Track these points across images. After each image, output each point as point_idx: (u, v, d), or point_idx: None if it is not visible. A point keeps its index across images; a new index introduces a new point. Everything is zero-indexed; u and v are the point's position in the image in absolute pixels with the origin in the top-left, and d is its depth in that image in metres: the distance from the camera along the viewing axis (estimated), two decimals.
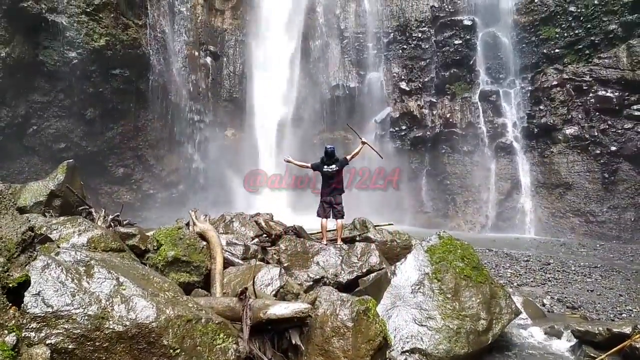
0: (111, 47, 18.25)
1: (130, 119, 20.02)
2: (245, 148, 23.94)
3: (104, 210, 9.59)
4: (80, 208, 9.26)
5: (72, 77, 17.54)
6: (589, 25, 19.78)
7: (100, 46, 17.85)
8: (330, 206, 8.78)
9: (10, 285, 2.82)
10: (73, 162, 10.05)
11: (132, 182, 20.44)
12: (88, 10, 17.51)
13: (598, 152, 18.85)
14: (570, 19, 20.26)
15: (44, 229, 6.01)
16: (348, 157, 8.91)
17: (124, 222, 9.87)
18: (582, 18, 19.95)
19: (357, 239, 8.82)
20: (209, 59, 23.58)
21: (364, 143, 8.99)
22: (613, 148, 18.50)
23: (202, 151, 22.91)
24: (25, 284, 2.95)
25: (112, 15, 18.28)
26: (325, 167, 8.87)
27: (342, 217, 8.73)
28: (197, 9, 23.01)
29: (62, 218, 6.93)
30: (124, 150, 20.08)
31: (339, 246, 7.95)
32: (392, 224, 10.45)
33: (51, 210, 8.60)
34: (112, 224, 8.90)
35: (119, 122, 19.65)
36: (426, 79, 23.55)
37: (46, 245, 5.84)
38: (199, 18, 23.06)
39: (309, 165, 8.89)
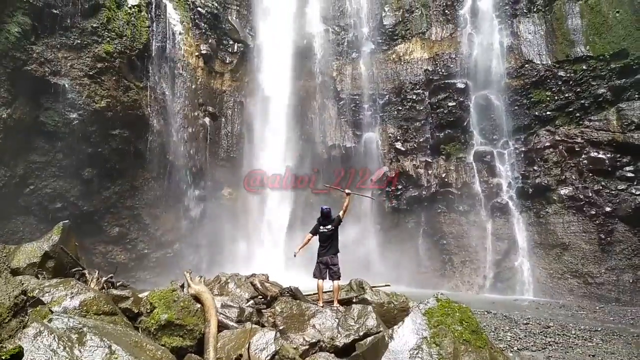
0: (112, 108, 18.63)
1: (127, 179, 20.15)
2: (242, 207, 24.03)
3: (97, 271, 9.49)
4: (74, 269, 9.17)
5: (71, 138, 17.79)
6: (578, 89, 20.34)
7: (101, 107, 18.23)
8: (326, 267, 8.74)
9: (4, 357, 2.76)
10: (69, 222, 10.02)
11: (126, 241, 20.31)
12: (91, 73, 17.99)
13: (593, 212, 18.93)
14: (560, 83, 20.85)
15: (37, 291, 5.95)
16: (341, 214, 8.98)
17: (118, 284, 9.76)
18: (571, 82, 20.54)
19: (354, 300, 8.72)
20: (207, 120, 23.98)
21: (348, 194, 9.11)
22: (608, 209, 18.60)
23: (199, 210, 22.92)
24: (18, 355, 2.89)
25: (114, 78, 18.77)
26: (322, 227, 8.92)
27: (338, 278, 8.67)
28: (198, 71, 23.62)
29: (55, 280, 6.87)
30: (120, 210, 20.08)
31: (335, 308, 7.85)
32: (389, 285, 10.36)
33: (44, 272, 8.52)
34: (105, 285, 8.80)
35: (116, 182, 19.77)
36: (421, 140, 23.89)
37: (38, 308, 5.75)
38: (199, 80, 23.64)
39: (310, 235, 8.95)
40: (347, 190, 9.28)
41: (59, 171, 18.09)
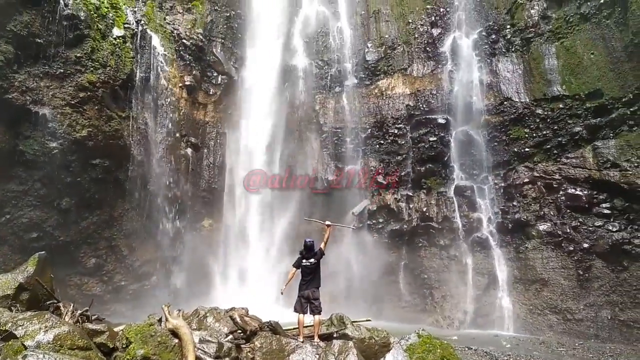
0: (93, 137, 18.49)
1: (106, 209, 19.86)
2: (222, 238, 23.85)
3: (72, 304, 9.26)
4: (48, 302, 8.94)
5: (50, 167, 17.53)
6: (555, 127, 20.81)
7: (82, 137, 18.07)
8: (307, 301, 8.66)
9: None
10: (45, 254, 9.82)
11: (103, 273, 19.89)
12: (73, 102, 17.88)
13: (571, 248, 19.14)
14: (537, 121, 21.32)
15: (10, 325, 5.78)
16: (322, 247, 8.96)
17: (93, 317, 9.52)
18: (548, 120, 21.02)
19: (335, 335, 8.63)
20: (189, 150, 23.93)
21: (329, 226, 9.13)
22: (585, 245, 18.83)
23: (178, 242, 22.64)
24: None
25: (96, 107, 18.67)
26: (305, 261, 8.89)
27: (319, 312, 8.60)
28: (181, 102, 23.67)
29: (28, 313, 6.69)
30: (97, 240, 19.72)
31: (315, 343, 7.76)
32: (370, 320, 10.27)
33: (18, 305, 8.30)
34: (80, 319, 8.59)
35: (94, 212, 19.46)
36: (403, 173, 24.07)
37: (10, 342, 5.58)
38: (182, 111, 23.67)
39: (294, 270, 8.93)
40: (327, 222, 9.30)
41: (36, 200, 17.75)
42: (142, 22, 21.71)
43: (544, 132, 21.10)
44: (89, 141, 18.43)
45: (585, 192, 19.39)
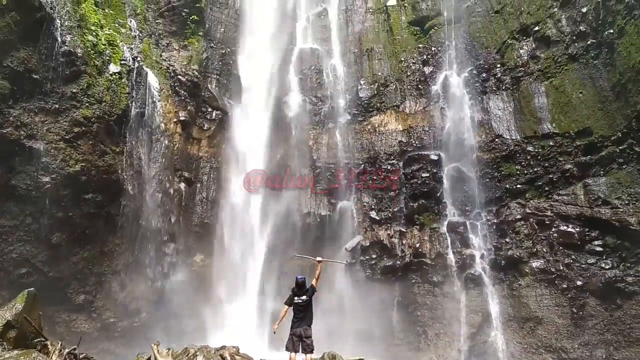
0: (86, 172, 18.46)
1: (97, 244, 19.67)
2: (214, 274, 23.65)
3: (60, 342, 9.11)
4: (36, 340, 8.79)
5: (42, 202, 17.40)
6: (546, 164, 21.04)
7: (75, 172, 18.03)
8: (299, 339, 8.59)
9: None
10: (34, 290, 9.70)
11: (92, 309, 19.56)
12: (67, 137, 17.90)
13: (565, 286, 19.08)
14: (529, 158, 21.56)
15: None
16: (314, 284, 8.92)
17: (81, 356, 9.36)
18: (539, 157, 21.27)
19: None
20: (182, 185, 23.92)
21: (320, 262, 9.11)
22: (579, 283, 18.77)
23: (169, 278, 22.39)
24: None
25: (90, 142, 18.70)
26: (296, 298, 8.85)
27: (311, 351, 8.52)
28: (175, 137, 23.77)
29: (15, 352, 6.59)
30: (87, 276, 19.45)
31: None
32: (362, 358, 10.16)
33: (5, 343, 8.16)
34: (68, 357, 8.44)
35: (85, 247, 19.26)
36: (395, 209, 24.09)
37: None
38: (176, 146, 23.75)
39: (286, 308, 8.89)
40: (318, 258, 9.31)
41: (27, 235, 17.57)
42: (139, 58, 21.97)
43: (535, 169, 21.30)
44: (82, 176, 18.40)
45: (578, 229, 19.45)
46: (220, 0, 28.18)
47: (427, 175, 23.70)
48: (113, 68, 20.10)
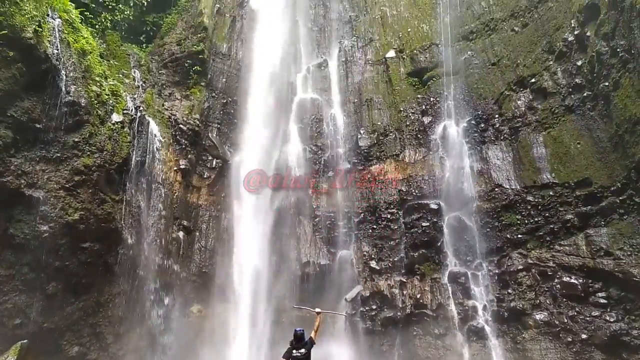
0: (85, 221, 18.33)
1: (92, 294, 19.30)
2: (212, 325, 23.20)
3: None
4: None
5: (40, 251, 17.15)
6: (547, 214, 20.96)
7: (73, 220, 17.89)
8: None
9: None
10: (27, 343, 9.47)
11: None
12: (67, 186, 17.85)
13: (570, 339, 18.66)
14: (529, 207, 21.52)
15: None
16: (313, 336, 8.72)
17: None
18: (540, 207, 21.22)
19: None
20: (181, 233, 23.78)
21: (319, 313, 8.92)
22: (584, 336, 18.37)
23: (166, 329, 21.93)
24: None
25: (90, 190, 18.65)
26: (295, 351, 8.63)
27: None
28: (175, 185, 23.81)
29: None
30: (82, 327, 18.98)
31: None
32: None
33: None
34: None
35: (81, 297, 18.90)
36: (396, 259, 23.87)
37: None
38: (176, 194, 23.76)
39: None
40: (317, 310, 9.13)
41: (22, 285, 17.24)
42: (141, 108, 22.26)
43: (536, 219, 21.22)
44: (80, 224, 18.26)
45: (581, 281, 19.19)
46: (223, 52, 28.79)
47: (428, 224, 23.60)
48: (115, 117, 20.30)
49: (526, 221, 21.51)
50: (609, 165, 19.61)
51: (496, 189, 22.78)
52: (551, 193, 21.12)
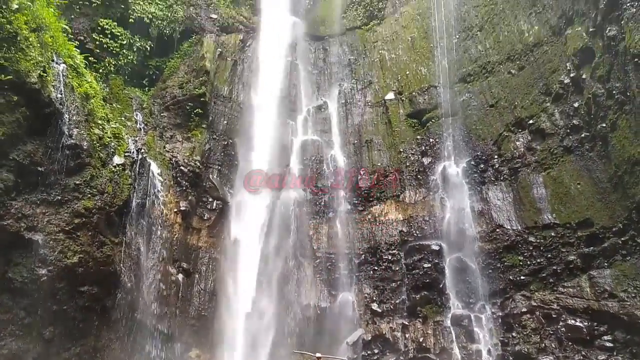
0: (84, 264, 18.15)
1: (90, 339, 18.92)
2: None
3: None
4: None
5: (37, 295, 16.90)
6: (549, 255, 20.81)
7: (72, 264, 17.72)
8: None
9: None
10: None
11: None
12: (67, 229, 17.77)
13: None
14: (531, 248, 21.39)
15: None
16: None
17: None
18: (542, 248, 21.08)
19: None
20: (180, 276, 23.57)
21: (319, 358, 8.76)
22: None
23: None
24: None
25: (89, 233, 18.57)
26: None
27: None
28: (175, 227, 23.76)
29: None
30: None
31: None
32: None
33: None
34: None
35: (78, 342, 18.51)
36: (397, 301, 23.60)
37: None
38: (176, 236, 23.68)
39: None
40: (318, 354, 8.96)
41: (19, 330, 16.90)
42: (143, 150, 22.43)
43: (539, 260, 21.05)
44: (79, 268, 18.08)
45: (586, 324, 18.87)
46: (224, 94, 29.18)
47: (429, 265, 23.42)
48: (117, 160, 20.41)
49: (529, 262, 21.35)
50: (610, 206, 19.58)
51: (497, 230, 22.70)
52: (553, 234, 21.03)
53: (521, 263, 21.57)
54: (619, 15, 16.70)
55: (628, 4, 15.88)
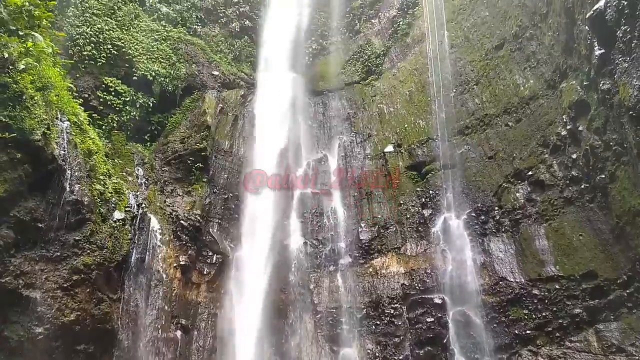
0: (81, 322, 17.83)
1: None
2: None
3: None
4: None
5: (33, 354, 16.51)
6: (554, 308, 20.46)
7: (69, 321, 17.41)
8: None
9: None
10: None
11: None
12: (65, 285, 17.55)
13: None
14: (536, 302, 21.05)
15: None
16: None
17: None
18: (546, 301, 20.77)
19: None
20: (179, 333, 23.09)
21: None
22: None
23: None
24: None
25: (87, 290, 18.34)
26: None
27: None
28: (174, 282, 23.48)
29: None
30: None
31: None
32: None
33: None
34: None
35: None
36: (401, 357, 23.02)
37: None
38: (175, 292, 23.35)
39: None
40: None
41: None
42: (143, 205, 22.48)
43: (544, 314, 20.69)
44: (76, 326, 17.76)
45: None
46: (225, 149, 29.48)
47: (432, 320, 23.00)
48: (117, 215, 20.43)
49: (534, 316, 20.97)
50: (613, 258, 19.43)
51: (500, 283, 22.43)
52: (557, 286, 20.76)
53: (526, 317, 21.18)
54: (611, 70, 17.03)
55: (620, 59, 16.20)
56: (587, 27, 18.04)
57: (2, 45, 15.28)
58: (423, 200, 26.78)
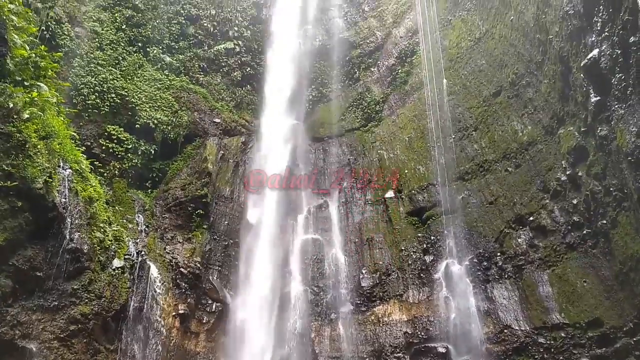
0: None
1: None
2: None
3: None
4: None
5: None
6: (561, 357, 19.94)
7: None
8: None
9: None
10: None
11: None
12: (62, 336, 17.26)
13: None
14: (542, 350, 20.58)
15: None
16: None
17: None
18: (553, 350, 20.30)
19: None
20: None
21: None
22: None
23: None
24: None
25: (84, 340, 18.02)
26: None
27: None
28: (173, 332, 23.09)
29: None
30: None
31: None
32: None
33: None
34: None
35: None
36: None
37: None
38: (173, 341, 22.94)
39: None
40: None
41: None
42: (143, 252, 22.33)
43: None
44: None
45: None
46: (225, 195, 29.54)
47: None
48: (116, 263, 20.28)
49: None
50: (619, 305, 19.08)
51: (505, 331, 22.01)
52: (563, 334, 20.33)
53: None
54: (608, 116, 17.23)
55: (616, 106, 16.43)
56: (582, 75, 18.36)
57: (8, 96, 15.57)
58: (424, 246, 26.62)
